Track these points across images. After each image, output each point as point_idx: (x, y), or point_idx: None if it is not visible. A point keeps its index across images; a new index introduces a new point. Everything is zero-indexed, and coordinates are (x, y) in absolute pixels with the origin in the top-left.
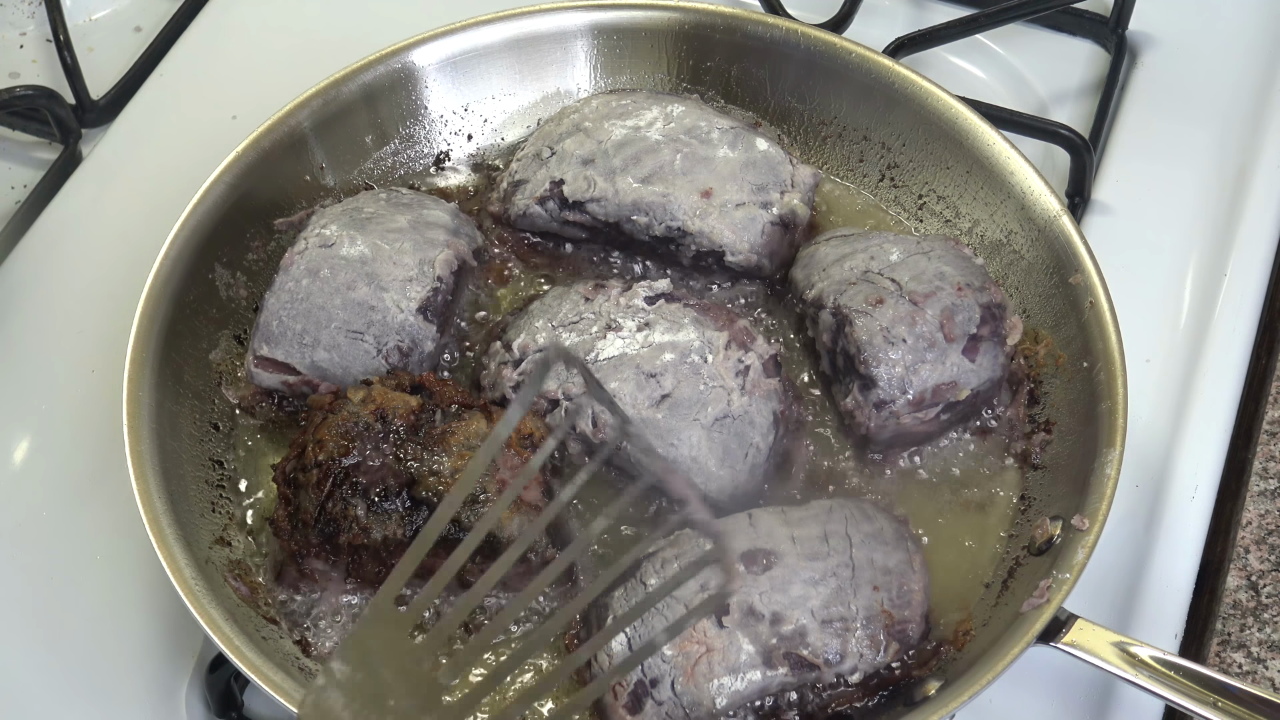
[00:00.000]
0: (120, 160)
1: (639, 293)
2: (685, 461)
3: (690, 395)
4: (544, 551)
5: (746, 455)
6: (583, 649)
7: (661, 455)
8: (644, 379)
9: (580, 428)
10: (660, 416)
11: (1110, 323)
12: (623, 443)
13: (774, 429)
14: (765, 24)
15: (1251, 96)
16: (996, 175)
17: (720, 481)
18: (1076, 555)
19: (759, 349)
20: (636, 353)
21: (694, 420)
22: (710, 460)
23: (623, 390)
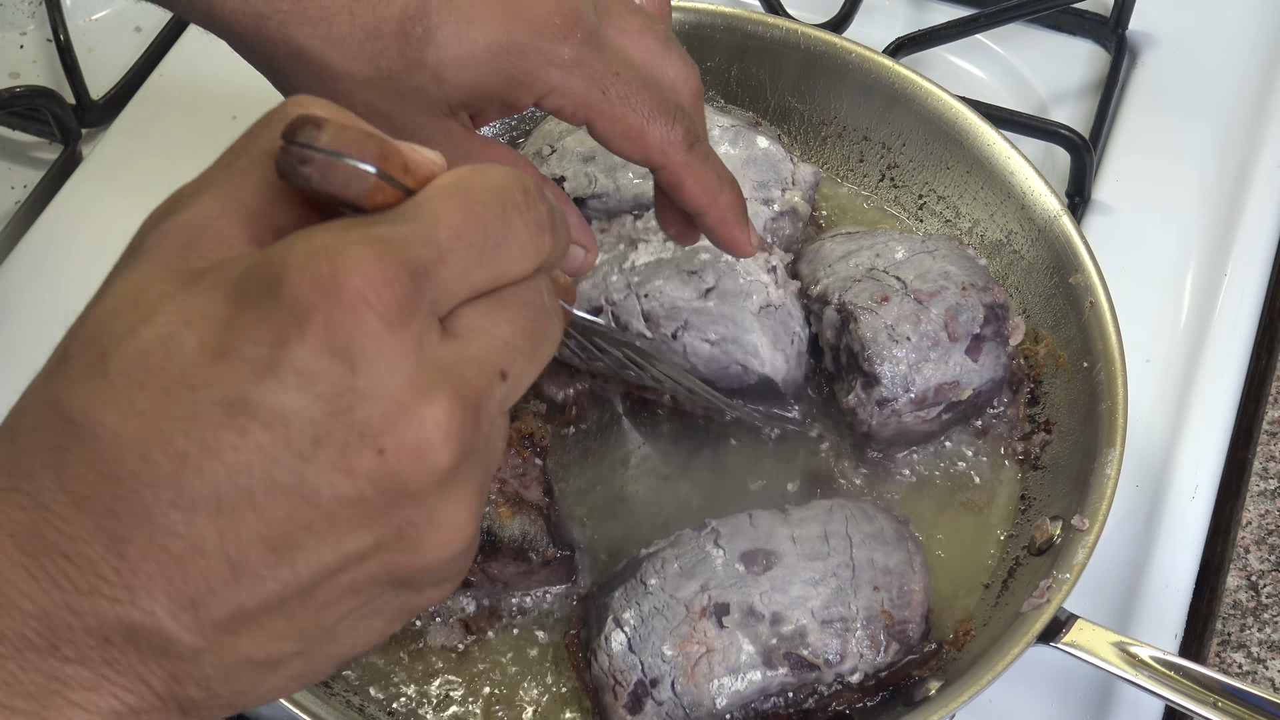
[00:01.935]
0: (120, 160)
1: (651, 216)
2: (744, 343)
3: (733, 287)
4: (545, 550)
5: (793, 342)
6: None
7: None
8: (686, 275)
9: (635, 327)
10: (712, 304)
11: (1110, 323)
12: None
13: (806, 324)
14: (765, 24)
15: (1251, 96)
16: (997, 175)
17: (775, 363)
18: (1076, 555)
19: (779, 254)
20: (673, 256)
21: (743, 307)
22: (765, 344)
23: (667, 287)
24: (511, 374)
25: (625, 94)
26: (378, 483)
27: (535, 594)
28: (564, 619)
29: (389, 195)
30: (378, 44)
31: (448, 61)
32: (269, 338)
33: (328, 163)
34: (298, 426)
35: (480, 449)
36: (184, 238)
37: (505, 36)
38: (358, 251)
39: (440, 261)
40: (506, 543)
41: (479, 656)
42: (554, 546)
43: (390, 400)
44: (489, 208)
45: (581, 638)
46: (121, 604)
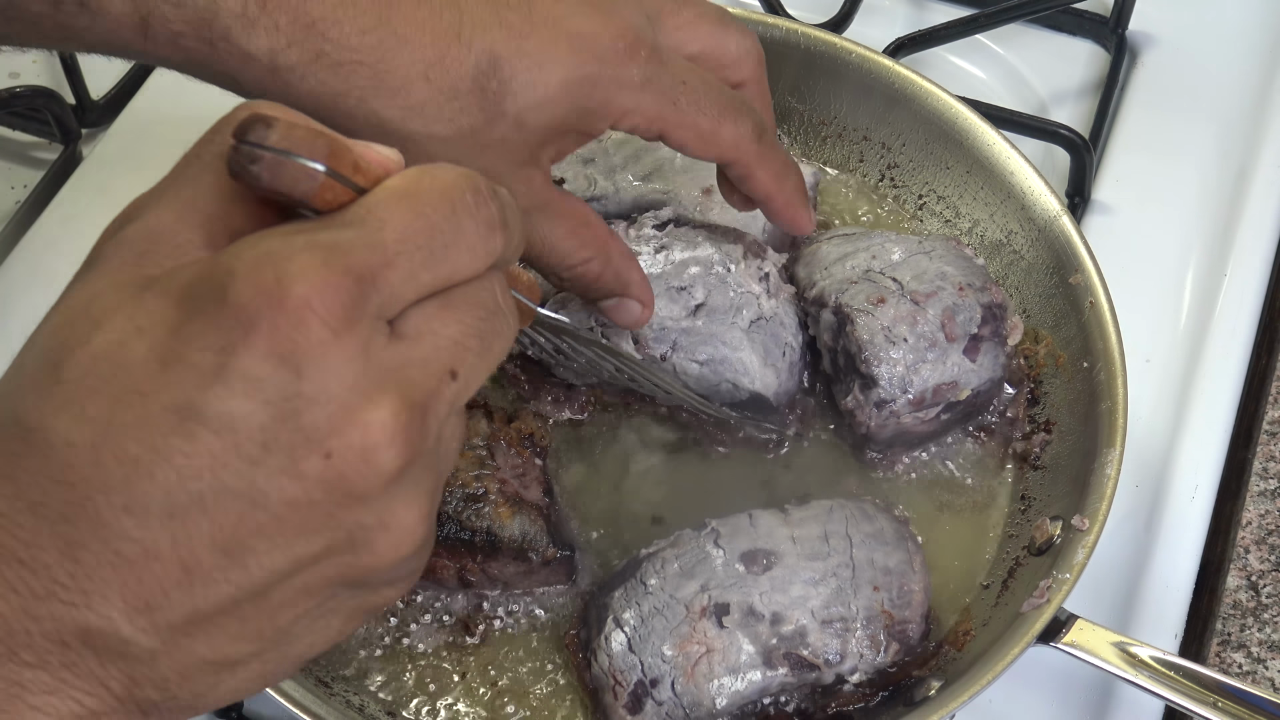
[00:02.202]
0: (120, 160)
1: (646, 223)
2: (733, 362)
3: (723, 302)
4: (545, 550)
5: (784, 354)
6: None
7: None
8: (676, 292)
9: (624, 348)
10: (700, 323)
11: (1110, 323)
12: (671, 356)
13: (800, 330)
14: (765, 24)
15: (1251, 96)
16: (997, 175)
17: (766, 379)
18: (1076, 555)
19: (772, 257)
20: (662, 271)
21: (732, 324)
22: (754, 360)
23: (657, 306)
24: (462, 373)
25: (695, 100)
26: (326, 486)
27: (535, 594)
28: (564, 619)
29: (339, 194)
30: (456, 104)
31: (526, 109)
32: (216, 344)
33: (276, 161)
34: (245, 432)
35: (430, 450)
36: (139, 245)
37: (576, 71)
38: (303, 258)
39: (387, 265)
40: (506, 543)
41: (479, 656)
42: (554, 546)
43: (336, 404)
44: (437, 209)
45: (581, 638)
46: (78, 608)
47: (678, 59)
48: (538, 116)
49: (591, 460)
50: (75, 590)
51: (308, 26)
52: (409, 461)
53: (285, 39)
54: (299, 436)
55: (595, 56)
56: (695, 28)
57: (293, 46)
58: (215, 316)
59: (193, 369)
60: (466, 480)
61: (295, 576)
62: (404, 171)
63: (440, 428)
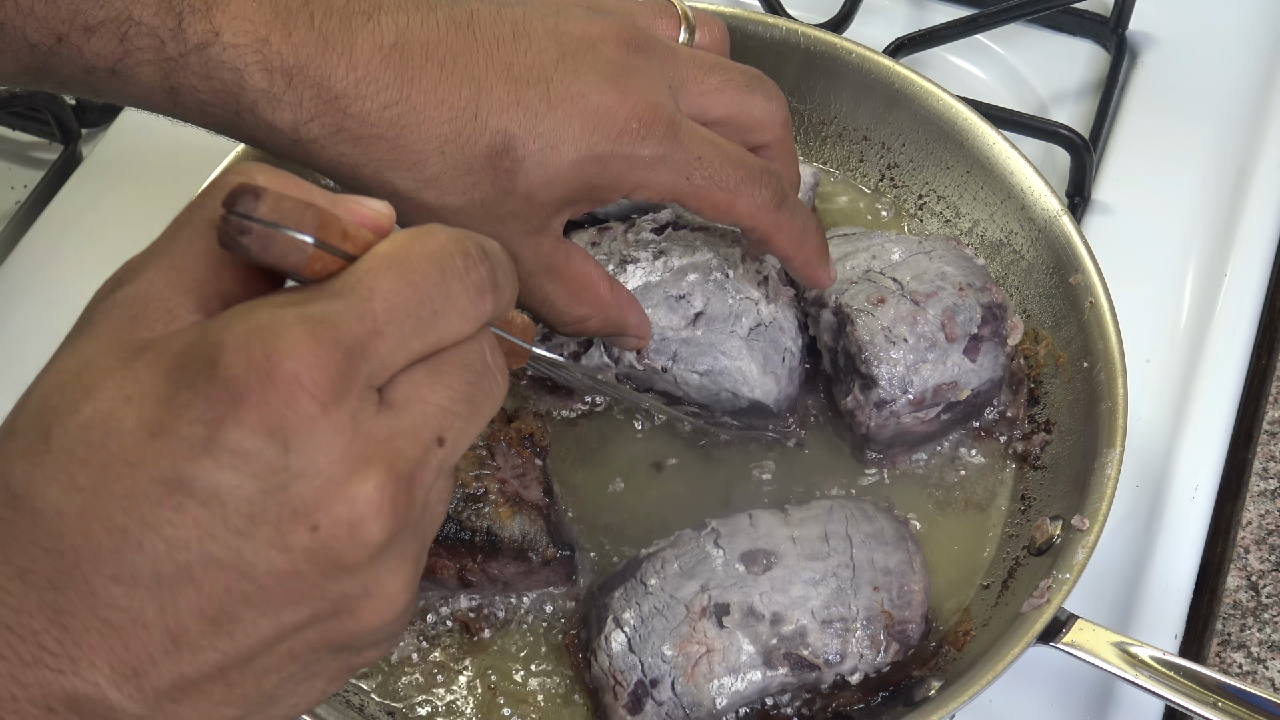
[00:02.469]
0: (120, 160)
1: (644, 226)
2: (732, 372)
3: (722, 310)
4: (545, 550)
5: (784, 360)
6: None
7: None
8: (674, 301)
9: (626, 359)
10: (699, 333)
11: (1110, 323)
12: (671, 367)
13: (801, 333)
14: (765, 24)
15: (1251, 96)
16: (997, 175)
17: (765, 386)
18: (1076, 555)
19: (772, 259)
20: (660, 279)
21: (731, 332)
22: (753, 368)
23: (655, 316)
24: (449, 438)
25: (709, 174)
26: (312, 557)
27: (535, 594)
28: (564, 619)
29: (329, 263)
30: (470, 178)
31: (537, 186)
32: (205, 417)
33: (266, 234)
34: (233, 504)
35: (416, 519)
36: (130, 310)
37: (588, 151)
38: (292, 333)
39: (376, 335)
40: (506, 543)
41: (479, 656)
42: (554, 546)
43: (322, 478)
44: (426, 276)
45: (581, 638)
46: (65, 674)
47: (695, 131)
48: (548, 193)
49: (591, 460)
50: (63, 657)
51: (330, 102)
52: (395, 532)
53: (309, 113)
54: (286, 509)
55: (608, 136)
56: (720, 94)
57: (315, 120)
58: (205, 389)
59: (181, 441)
60: (466, 480)
61: (281, 643)
62: (394, 236)
63: (427, 494)
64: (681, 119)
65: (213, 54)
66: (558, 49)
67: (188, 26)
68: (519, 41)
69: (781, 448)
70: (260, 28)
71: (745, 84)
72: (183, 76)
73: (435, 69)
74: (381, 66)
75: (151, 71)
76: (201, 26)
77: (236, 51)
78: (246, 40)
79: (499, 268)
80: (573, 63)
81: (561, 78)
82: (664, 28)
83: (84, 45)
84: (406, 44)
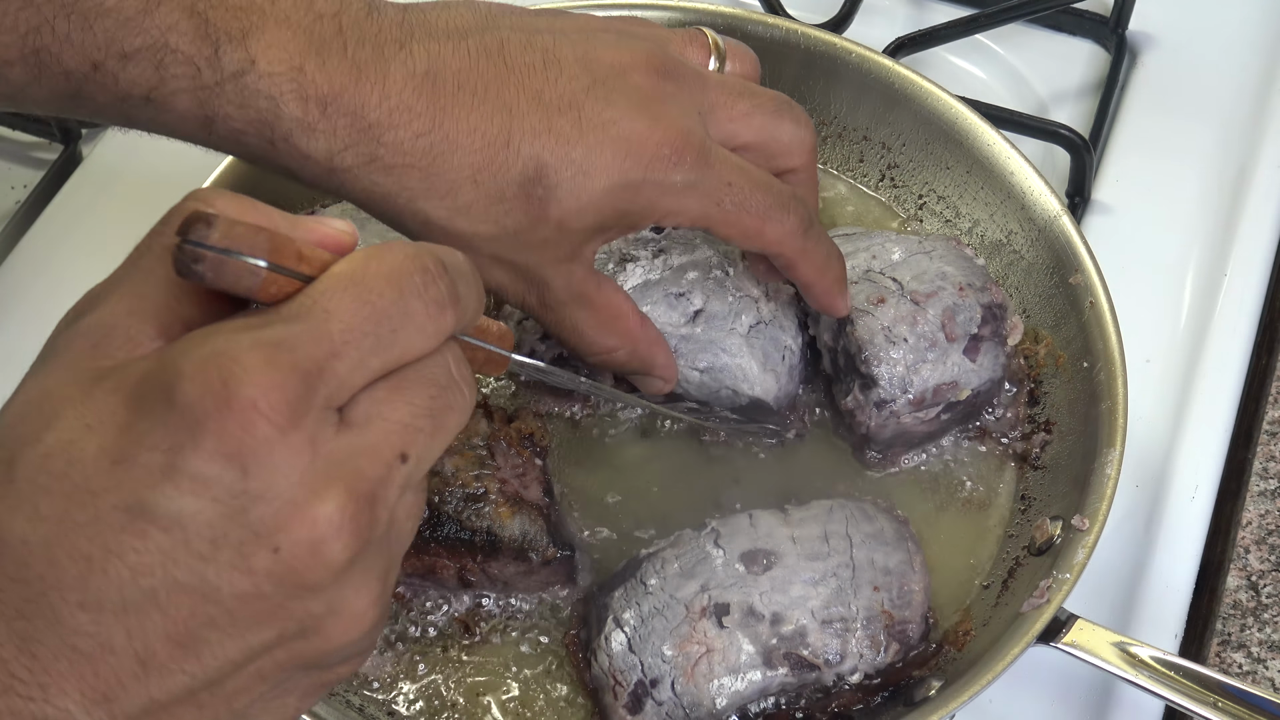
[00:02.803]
0: (120, 160)
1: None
2: (732, 369)
3: (722, 308)
4: (545, 550)
5: (784, 357)
6: None
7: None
8: (674, 299)
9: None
10: (699, 330)
11: (1110, 323)
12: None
13: (801, 331)
14: (765, 24)
15: (1251, 96)
16: (997, 175)
17: (765, 384)
18: (1077, 555)
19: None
20: (660, 277)
21: (731, 330)
22: (753, 366)
23: (655, 313)
24: (414, 454)
25: (739, 201)
26: (275, 579)
27: (535, 594)
28: (564, 619)
29: (284, 286)
30: (502, 206)
31: (569, 214)
32: (165, 444)
33: (219, 260)
34: (194, 529)
35: (381, 536)
36: (92, 338)
37: (620, 178)
38: (248, 358)
39: (334, 356)
40: (506, 543)
41: (479, 657)
42: (554, 546)
43: (282, 500)
44: (383, 295)
45: (581, 638)
46: (36, 702)
47: (725, 158)
48: (580, 220)
49: (591, 460)
50: (33, 684)
51: (364, 130)
52: (358, 551)
53: (343, 143)
54: (247, 532)
55: (640, 163)
56: (749, 119)
57: (349, 150)
58: (164, 416)
59: (142, 468)
60: (466, 480)
61: (249, 664)
62: (351, 255)
63: (392, 511)
64: (712, 145)
65: (248, 82)
66: (588, 76)
67: (224, 55)
68: (549, 69)
69: (781, 448)
70: (295, 56)
71: (774, 110)
72: (218, 105)
73: (468, 97)
74: (414, 95)
75: (187, 100)
76: (238, 55)
77: (272, 80)
78: (282, 69)
79: (461, 280)
80: (603, 90)
81: (592, 105)
82: (695, 56)
83: (120, 72)
84: (439, 72)
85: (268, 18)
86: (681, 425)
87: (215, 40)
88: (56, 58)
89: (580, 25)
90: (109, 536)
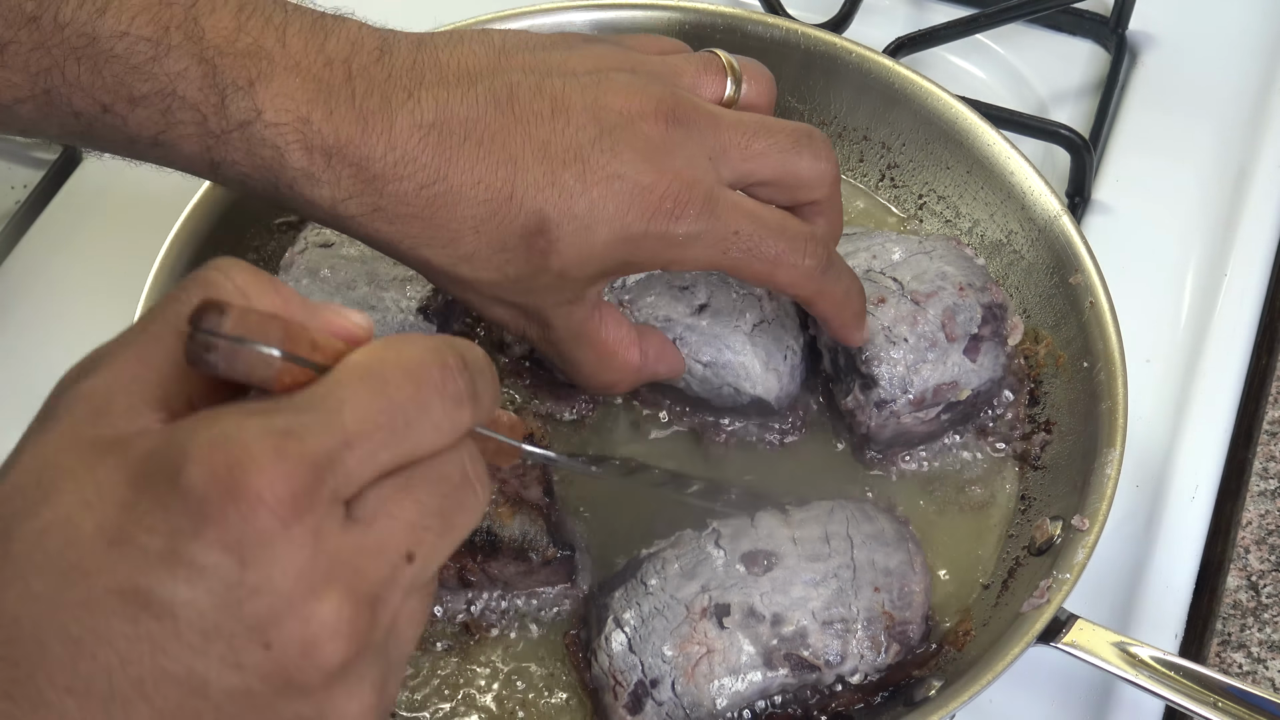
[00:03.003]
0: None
1: None
2: (735, 366)
3: (726, 304)
4: (545, 550)
5: (785, 357)
6: None
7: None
8: (679, 291)
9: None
10: (705, 323)
11: (1110, 323)
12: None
13: (801, 330)
14: (765, 24)
15: (1251, 96)
16: (997, 175)
17: (767, 383)
18: (1077, 555)
19: None
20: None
21: (735, 327)
22: (756, 364)
23: (659, 304)
24: (420, 554)
25: (747, 248)
26: (265, 677)
27: (535, 594)
28: (564, 619)
29: (298, 375)
30: (504, 255)
31: (570, 265)
32: (165, 529)
33: (232, 350)
34: (187, 619)
35: (379, 641)
36: (94, 404)
37: (621, 231)
38: (257, 446)
39: (345, 448)
40: (506, 543)
41: (479, 657)
42: (554, 546)
43: (279, 595)
44: (401, 389)
45: (581, 638)
46: None
47: (734, 205)
48: (582, 270)
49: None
50: None
51: (368, 182)
52: (353, 655)
53: (346, 192)
54: (240, 626)
55: (643, 216)
56: (765, 158)
57: (353, 199)
58: (165, 499)
59: (139, 551)
60: None
61: None
62: (369, 345)
63: (394, 616)
64: (720, 192)
65: (254, 132)
66: (596, 126)
67: (230, 104)
68: (557, 119)
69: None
70: (302, 106)
71: (792, 145)
72: (224, 152)
73: (473, 148)
74: (420, 146)
75: (194, 145)
76: (244, 104)
77: (278, 130)
78: (288, 119)
79: (479, 377)
80: (610, 140)
81: (598, 157)
82: (710, 84)
83: (128, 116)
84: (445, 123)
85: (276, 65)
86: (682, 426)
87: (222, 89)
88: (66, 99)
89: (594, 65)
90: (100, 620)
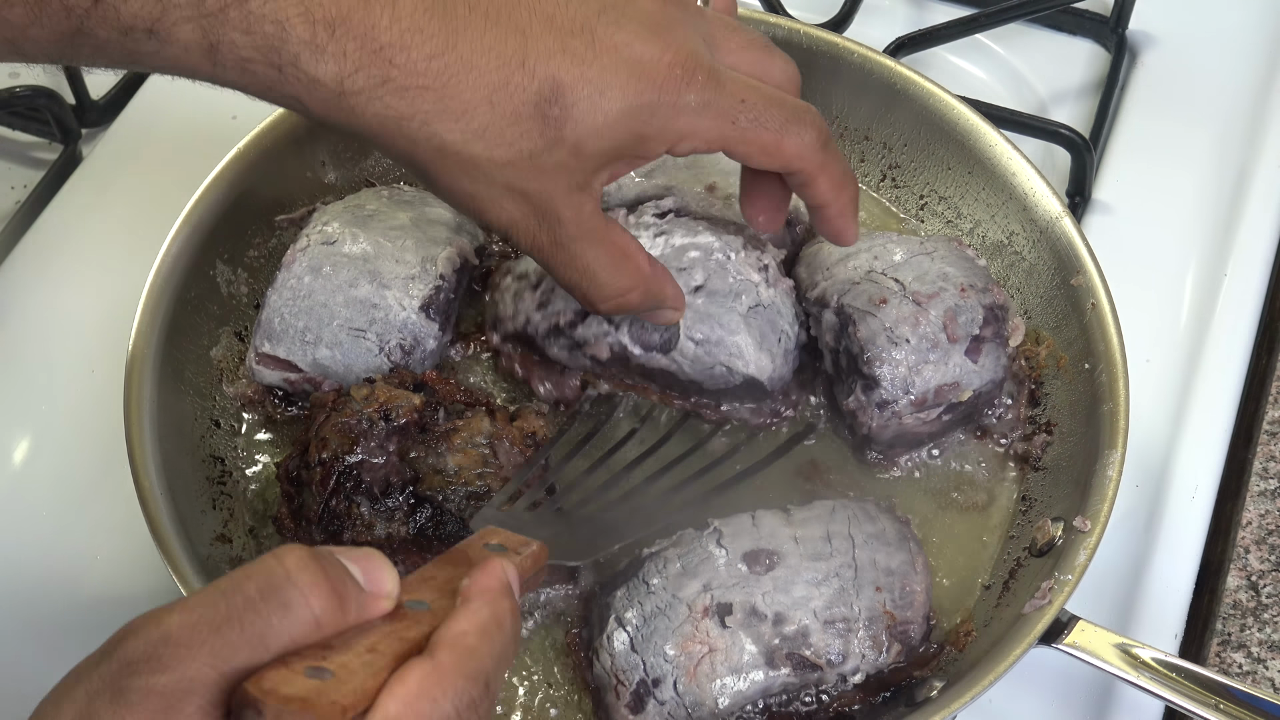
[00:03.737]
0: (120, 160)
1: (647, 210)
2: (729, 344)
3: (722, 286)
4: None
5: (780, 340)
6: None
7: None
8: (676, 273)
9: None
10: (700, 302)
11: (1112, 325)
12: (668, 332)
13: (797, 320)
14: (765, 24)
15: (1251, 96)
16: (998, 176)
17: (760, 363)
18: (1078, 556)
19: (772, 251)
20: (662, 253)
21: (730, 308)
22: (750, 343)
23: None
24: None
25: (755, 116)
26: None
27: (536, 594)
28: (565, 619)
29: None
30: (518, 128)
31: (585, 135)
32: None
33: None
34: None
35: None
36: (164, 702)
37: (635, 99)
38: None
39: None
40: None
41: None
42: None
43: None
44: None
45: (583, 637)
46: None
47: (736, 77)
48: (596, 143)
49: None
50: None
51: (375, 52)
52: None
53: (353, 65)
54: None
55: (654, 84)
56: (745, 53)
57: (360, 72)
58: None
59: None
60: (469, 478)
61: None
62: (396, 694)
63: None
64: (720, 66)
65: (254, 7)
66: (598, 1)
67: None
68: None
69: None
70: None
71: (764, 46)
72: (223, 32)
73: (480, 19)
74: (426, 17)
75: (191, 29)
76: None
77: (278, 4)
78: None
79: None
80: (614, 14)
81: (604, 28)
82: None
83: (121, 5)
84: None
85: None
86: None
87: None
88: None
89: None
90: None
